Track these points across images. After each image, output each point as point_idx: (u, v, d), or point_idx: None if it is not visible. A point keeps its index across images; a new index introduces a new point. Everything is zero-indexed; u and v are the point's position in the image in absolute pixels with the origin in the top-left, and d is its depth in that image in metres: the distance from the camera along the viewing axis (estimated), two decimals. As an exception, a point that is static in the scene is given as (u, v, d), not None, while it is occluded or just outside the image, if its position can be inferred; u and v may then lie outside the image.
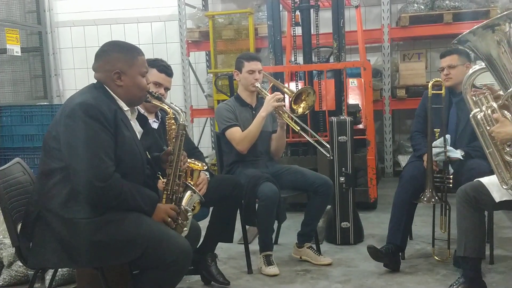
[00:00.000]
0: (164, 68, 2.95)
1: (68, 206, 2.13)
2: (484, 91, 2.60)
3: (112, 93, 2.27)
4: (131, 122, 2.34)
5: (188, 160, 2.66)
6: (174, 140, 2.38)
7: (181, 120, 2.39)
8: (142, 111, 2.95)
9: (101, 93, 2.23)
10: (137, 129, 2.40)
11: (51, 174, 2.17)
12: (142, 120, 2.45)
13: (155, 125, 2.99)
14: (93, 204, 2.12)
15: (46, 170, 2.19)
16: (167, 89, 2.98)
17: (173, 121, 2.72)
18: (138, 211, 2.22)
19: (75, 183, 2.11)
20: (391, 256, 3.20)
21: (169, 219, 2.28)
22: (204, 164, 2.79)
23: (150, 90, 2.41)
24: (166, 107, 2.46)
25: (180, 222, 2.33)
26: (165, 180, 2.38)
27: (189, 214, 2.39)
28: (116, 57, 2.27)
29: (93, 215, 2.13)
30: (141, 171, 2.33)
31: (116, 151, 2.16)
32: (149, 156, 2.46)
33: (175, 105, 2.45)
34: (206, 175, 2.94)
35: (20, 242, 2.24)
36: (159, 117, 3.04)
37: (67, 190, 2.13)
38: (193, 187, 2.47)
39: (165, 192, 2.36)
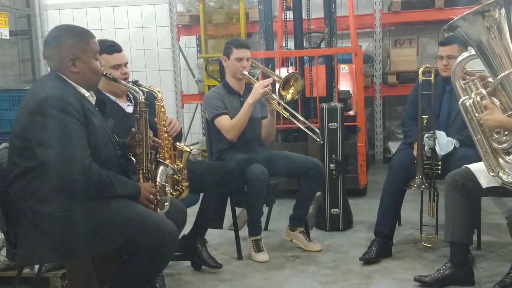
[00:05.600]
0: (112, 48, 2.82)
1: (46, 202, 2.10)
2: (474, 77, 2.60)
3: (69, 80, 2.21)
4: None
5: (178, 144, 2.78)
6: (138, 118, 2.34)
7: (140, 98, 2.34)
8: (113, 98, 2.88)
9: (60, 83, 2.17)
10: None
11: (25, 174, 2.13)
12: (100, 104, 2.41)
13: (130, 109, 2.93)
14: (75, 197, 2.09)
15: (18, 171, 2.14)
16: (125, 64, 2.86)
17: (162, 103, 2.79)
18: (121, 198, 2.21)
19: (53, 179, 2.07)
20: (382, 252, 3.21)
21: (151, 196, 2.28)
22: (191, 147, 2.85)
23: (105, 73, 2.36)
24: (123, 87, 2.43)
25: (160, 198, 2.33)
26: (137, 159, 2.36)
27: (167, 189, 2.39)
28: (70, 43, 2.20)
29: (73, 207, 2.10)
30: (115, 156, 2.31)
31: (89, 141, 2.13)
32: (117, 139, 2.43)
33: (132, 84, 2.39)
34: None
35: (9, 228, 2.23)
36: (132, 99, 2.97)
37: (45, 187, 2.10)
38: (165, 162, 2.46)
39: (140, 171, 2.33)
